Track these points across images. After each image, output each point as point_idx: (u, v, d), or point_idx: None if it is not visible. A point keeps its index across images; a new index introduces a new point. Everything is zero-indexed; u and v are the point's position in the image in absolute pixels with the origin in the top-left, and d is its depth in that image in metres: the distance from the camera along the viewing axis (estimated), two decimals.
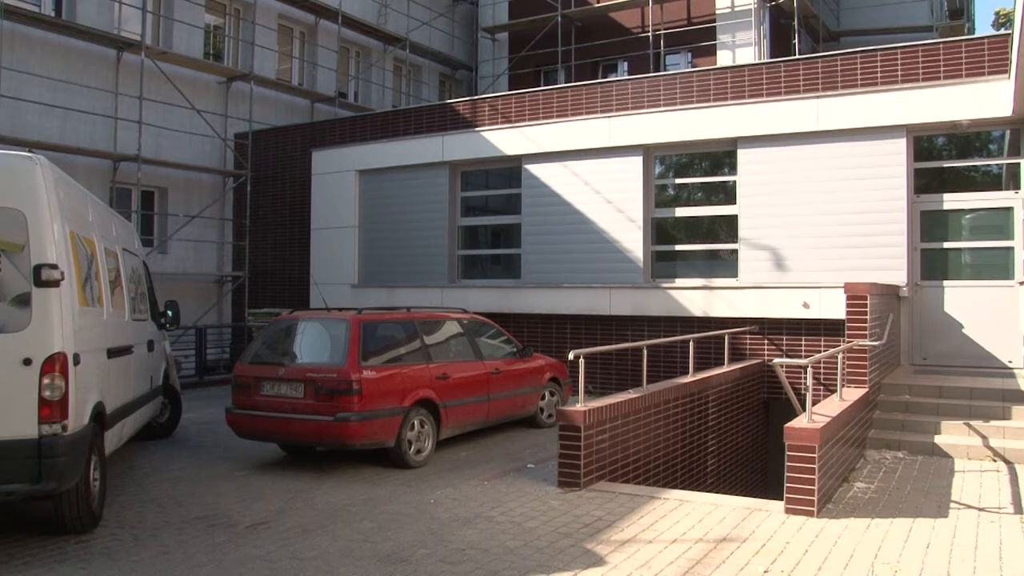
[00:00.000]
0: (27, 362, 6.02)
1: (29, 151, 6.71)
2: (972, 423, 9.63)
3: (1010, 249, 12.07)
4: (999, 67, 11.78)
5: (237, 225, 19.25)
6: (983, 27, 34.84)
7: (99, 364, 7.29)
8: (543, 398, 11.75)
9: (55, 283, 6.14)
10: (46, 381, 6.03)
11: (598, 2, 22.76)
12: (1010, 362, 11.90)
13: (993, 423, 9.55)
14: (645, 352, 9.62)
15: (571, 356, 8.35)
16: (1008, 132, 12.39)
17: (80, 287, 6.83)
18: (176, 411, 11.43)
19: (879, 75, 12.66)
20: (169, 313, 11.16)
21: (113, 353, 7.86)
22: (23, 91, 15.08)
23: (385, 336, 9.69)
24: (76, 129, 16.06)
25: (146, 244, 16.13)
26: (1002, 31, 13.38)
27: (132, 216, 16.73)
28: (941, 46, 12.47)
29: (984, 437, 9.36)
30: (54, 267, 6.15)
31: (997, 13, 32.52)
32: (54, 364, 6.07)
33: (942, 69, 12.26)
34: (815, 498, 6.97)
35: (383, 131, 17.41)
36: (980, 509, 7.26)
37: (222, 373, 16.93)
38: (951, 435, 9.60)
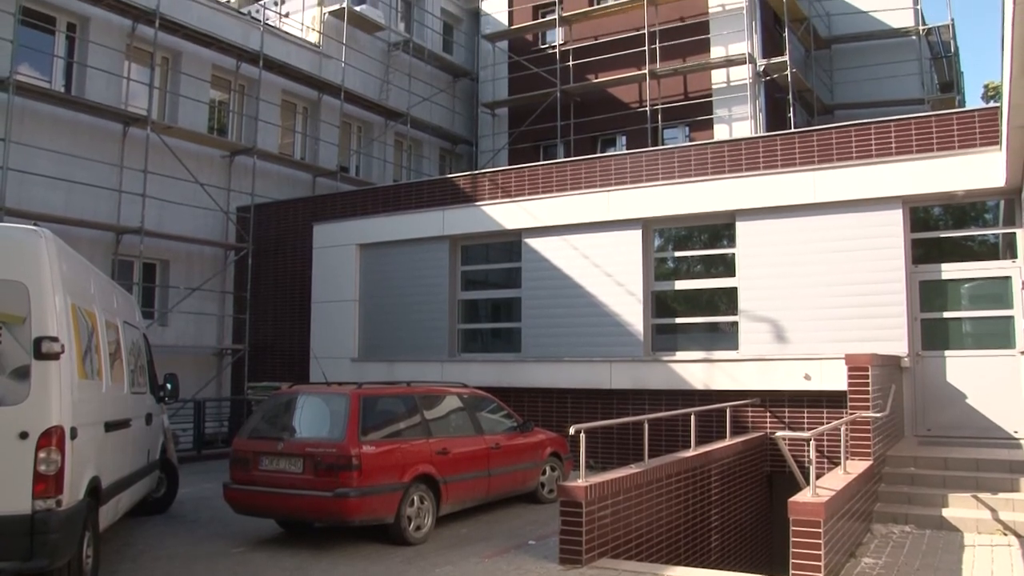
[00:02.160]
0: (23, 435, 5.96)
1: (35, 224, 6.75)
2: (980, 496, 9.50)
3: (1010, 318, 12.08)
4: (990, 139, 11.94)
5: (238, 298, 19.28)
6: (973, 99, 35.43)
7: (96, 438, 7.22)
8: (544, 473, 11.61)
9: (55, 356, 6.12)
10: (42, 455, 5.97)
11: (596, 78, 23.18)
12: (1015, 432, 11.78)
13: (1002, 495, 9.42)
14: (646, 426, 9.54)
15: (572, 431, 8.28)
16: (1002, 202, 12.50)
17: (80, 360, 6.81)
18: (173, 486, 11.28)
19: (874, 147, 12.83)
20: (168, 386, 11.09)
21: (111, 427, 7.79)
22: (31, 164, 15.29)
23: (385, 411, 9.63)
24: (80, 202, 16.22)
25: (147, 316, 16.13)
26: (991, 104, 13.61)
27: (133, 288, 16.77)
28: (933, 119, 12.67)
29: (993, 510, 9.22)
30: (55, 340, 6.14)
31: (986, 86, 33.14)
32: (51, 438, 6.01)
33: (935, 141, 12.44)
34: (821, 575, 6.83)
35: (384, 205, 17.56)
36: None
37: (220, 447, 16.75)
38: (959, 508, 9.46)
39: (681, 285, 14.61)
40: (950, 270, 12.58)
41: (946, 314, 12.56)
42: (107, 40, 17.07)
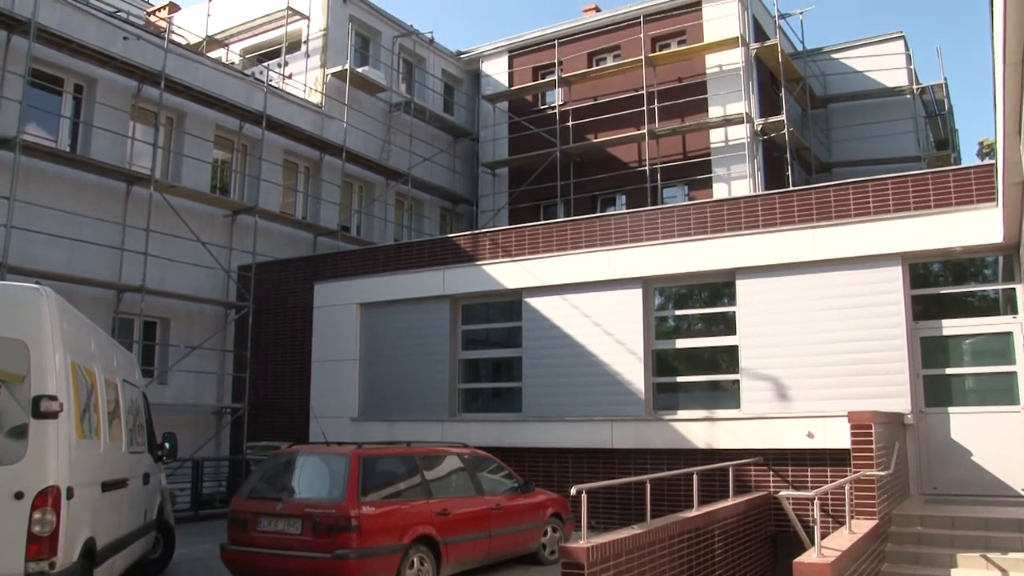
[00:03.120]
0: (19, 496, 5.90)
1: (37, 282, 6.77)
2: (989, 555, 9.33)
3: (1013, 374, 12.02)
4: (987, 195, 12.03)
5: (238, 356, 19.23)
6: (969, 156, 35.80)
7: (93, 498, 7.15)
8: (545, 534, 11.47)
9: (53, 415, 6.09)
10: (37, 516, 5.90)
11: (596, 138, 23.45)
12: (1023, 490, 11.65)
13: (1012, 555, 9.26)
14: (648, 486, 9.45)
15: (573, 491, 8.19)
16: (1001, 258, 12.54)
17: (78, 419, 6.77)
18: (169, 546, 11.12)
19: (872, 205, 12.92)
20: (167, 445, 11.01)
21: (108, 487, 7.71)
22: (34, 222, 15.38)
23: (385, 471, 9.57)
24: (82, 260, 16.29)
25: (146, 374, 16.08)
26: (986, 161, 13.75)
27: (133, 346, 16.74)
28: (930, 176, 12.78)
29: (1003, 571, 9.06)
30: (53, 398, 6.11)
31: (981, 143, 33.46)
32: (46, 498, 5.96)
33: (932, 198, 12.53)
34: None
35: (385, 265, 17.62)
36: None
37: (218, 507, 16.56)
38: (968, 568, 9.30)
39: (682, 343, 14.59)
40: (951, 326, 12.57)
41: (948, 370, 12.52)
42: (113, 100, 17.33)
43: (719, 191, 21.29)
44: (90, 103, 17.15)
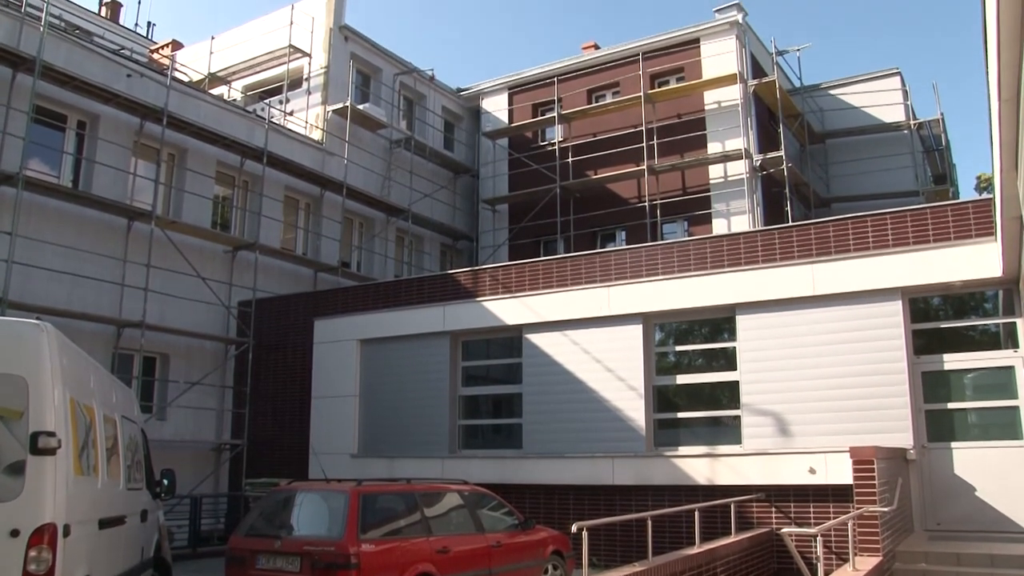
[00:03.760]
0: (14, 533, 5.84)
1: (38, 318, 6.77)
2: None
3: (1015, 408, 11.97)
4: (985, 229, 12.06)
5: (237, 392, 19.17)
6: (967, 190, 35.98)
7: (89, 535, 7.08)
8: (546, 572, 11.35)
9: (52, 451, 6.06)
10: (32, 554, 5.84)
11: (596, 174, 23.56)
12: None
13: None
14: (650, 523, 9.40)
15: (574, 529, 8.15)
16: (1001, 292, 12.55)
17: (76, 455, 6.73)
18: None
19: (871, 240, 12.95)
20: (165, 482, 10.93)
21: (105, 524, 7.65)
22: (35, 258, 15.43)
23: (385, 508, 9.50)
24: (83, 295, 16.30)
25: (145, 410, 16.02)
26: (984, 195, 13.82)
27: (133, 382, 16.71)
28: (928, 211, 12.83)
29: None
30: (51, 435, 6.08)
31: (978, 178, 33.63)
32: (43, 535, 5.90)
33: (931, 232, 12.57)
34: None
35: (385, 301, 17.62)
36: None
37: (216, 544, 16.40)
38: None
39: (683, 379, 14.55)
40: (952, 360, 12.55)
41: (951, 405, 12.48)
42: (115, 137, 17.45)
43: (719, 227, 21.37)
44: (93, 139, 17.27)
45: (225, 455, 19.03)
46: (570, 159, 24.00)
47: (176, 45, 27.03)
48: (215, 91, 22.98)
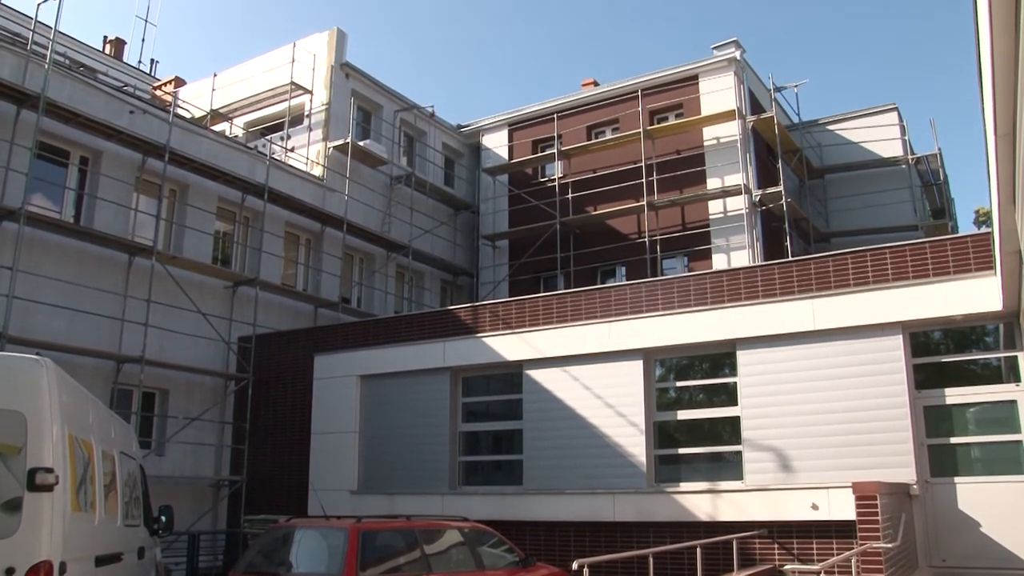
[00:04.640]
0: (10, 571, 5.79)
1: (37, 353, 6.77)
2: None
3: (1019, 443, 11.91)
4: (984, 263, 12.08)
5: (237, 428, 19.08)
6: (965, 224, 36.12)
7: (86, 573, 7.02)
8: None
9: (49, 487, 6.03)
10: None
11: (595, 210, 23.65)
12: None
13: None
14: (651, 560, 9.33)
15: (575, 566, 8.09)
16: (1001, 326, 12.54)
17: (74, 492, 6.69)
18: None
19: (871, 274, 12.96)
20: (163, 519, 10.85)
21: (102, 561, 7.58)
22: (36, 292, 15.44)
23: (384, 545, 9.44)
24: (83, 330, 16.29)
25: (144, 446, 15.95)
26: (983, 229, 13.85)
27: (132, 418, 16.65)
28: (927, 245, 12.86)
29: None
30: (49, 471, 6.05)
31: (977, 212, 33.74)
32: (38, 573, 5.85)
33: (931, 267, 12.58)
34: None
35: (385, 337, 17.60)
36: None
37: None
38: None
39: (683, 415, 14.49)
40: (954, 395, 12.50)
41: (953, 439, 12.41)
42: (117, 172, 17.55)
43: (718, 262, 21.41)
44: (95, 175, 17.37)
45: (224, 491, 18.90)
46: (570, 195, 24.10)
47: (179, 82, 27.29)
48: (217, 127, 23.14)
